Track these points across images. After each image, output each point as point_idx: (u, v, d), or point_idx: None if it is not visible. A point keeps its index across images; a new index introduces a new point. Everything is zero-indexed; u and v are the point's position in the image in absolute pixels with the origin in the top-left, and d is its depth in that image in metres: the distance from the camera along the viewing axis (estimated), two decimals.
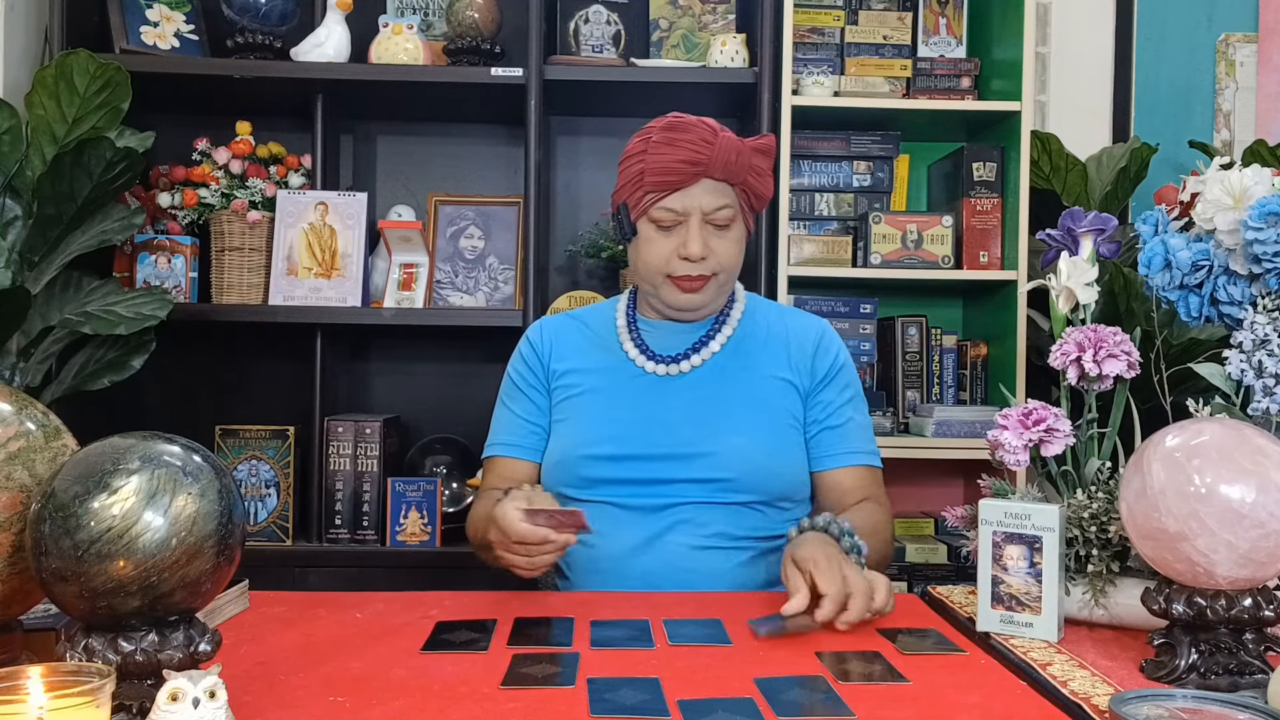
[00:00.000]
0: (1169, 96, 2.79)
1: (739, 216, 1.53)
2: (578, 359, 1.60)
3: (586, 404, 1.56)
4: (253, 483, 2.43)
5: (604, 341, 1.62)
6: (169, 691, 0.75)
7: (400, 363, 2.72)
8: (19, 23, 2.40)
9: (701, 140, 1.47)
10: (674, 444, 1.50)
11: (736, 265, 1.55)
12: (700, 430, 1.51)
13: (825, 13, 2.56)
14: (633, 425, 1.52)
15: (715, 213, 1.49)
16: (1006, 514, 1.16)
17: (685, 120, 1.50)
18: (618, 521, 1.49)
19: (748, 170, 1.50)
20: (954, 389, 2.56)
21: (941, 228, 2.41)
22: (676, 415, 1.52)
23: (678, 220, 1.50)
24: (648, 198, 1.49)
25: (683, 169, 1.47)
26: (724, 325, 1.59)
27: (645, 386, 1.56)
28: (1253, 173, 1.24)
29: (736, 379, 1.55)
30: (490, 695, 0.97)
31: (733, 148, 1.48)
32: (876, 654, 1.10)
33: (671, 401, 1.54)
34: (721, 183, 1.50)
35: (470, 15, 2.45)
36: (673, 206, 1.49)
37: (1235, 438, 0.99)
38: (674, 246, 1.50)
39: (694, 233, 1.48)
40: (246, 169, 2.47)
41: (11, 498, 0.90)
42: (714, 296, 1.55)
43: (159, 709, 0.75)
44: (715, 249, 1.51)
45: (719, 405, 1.53)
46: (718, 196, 1.49)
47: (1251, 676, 1.00)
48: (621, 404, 1.54)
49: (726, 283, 1.56)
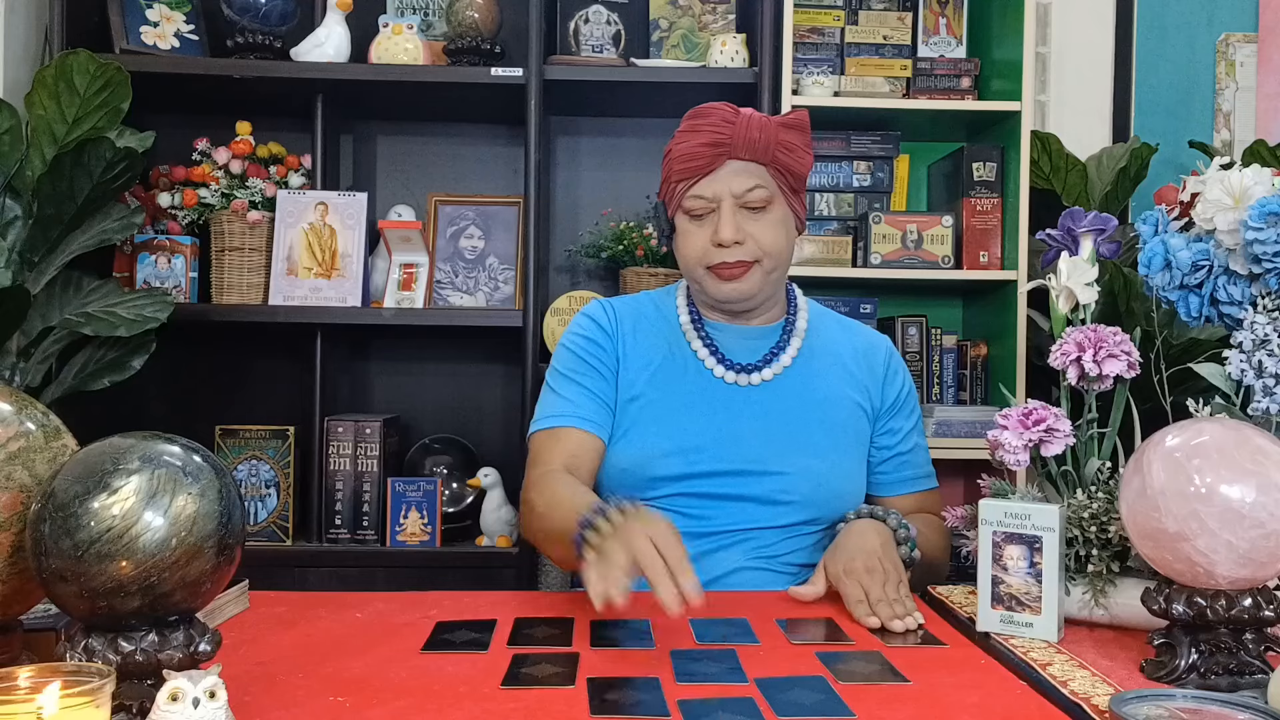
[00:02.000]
0: (1169, 96, 2.79)
1: (777, 199, 1.46)
2: (648, 351, 1.52)
3: (659, 409, 1.48)
4: (253, 483, 2.43)
5: (671, 336, 1.54)
6: (169, 691, 0.75)
7: (400, 363, 2.72)
8: (19, 23, 2.40)
9: (722, 120, 1.43)
10: (742, 461, 1.45)
11: (782, 251, 1.47)
12: (770, 448, 1.46)
13: (825, 13, 2.56)
14: (704, 438, 1.46)
15: (747, 194, 1.43)
16: (1006, 514, 1.16)
17: (707, 106, 1.46)
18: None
19: (776, 146, 1.44)
20: (954, 389, 2.56)
21: (941, 228, 2.41)
22: (748, 430, 1.47)
23: (710, 208, 1.44)
24: (678, 188, 1.46)
25: (705, 152, 1.43)
26: (793, 336, 1.53)
27: (719, 395, 1.49)
28: (1253, 173, 1.24)
29: (808, 396, 1.50)
30: (490, 695, 0.97)
31: (756, 124, 1.43)
32: (877, 654, 1.10)
33: (744, 415, 1.48)
34: (750, 163, 1.44)
35: (470, 15, 2.45)
36: (702, 194, 1.44)
37: (1235, 438, 0.99)
38: (709, 235, 1.44)
39: (726, 216, 1.42)
40: (246, 169, 2.47)
41: (11, 498, 0.90)
42: (759, 285, 1.47)
43: (159, 709, 0.75)
44: (753, 233, 1.44)
45: (791, 423, 1.48)
46: (748, 178, 1.43)
47: (1251, 676, 1.00)
48: (695, 413, 1.48)
49: (773, 270, 1.47)
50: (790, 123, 1.46)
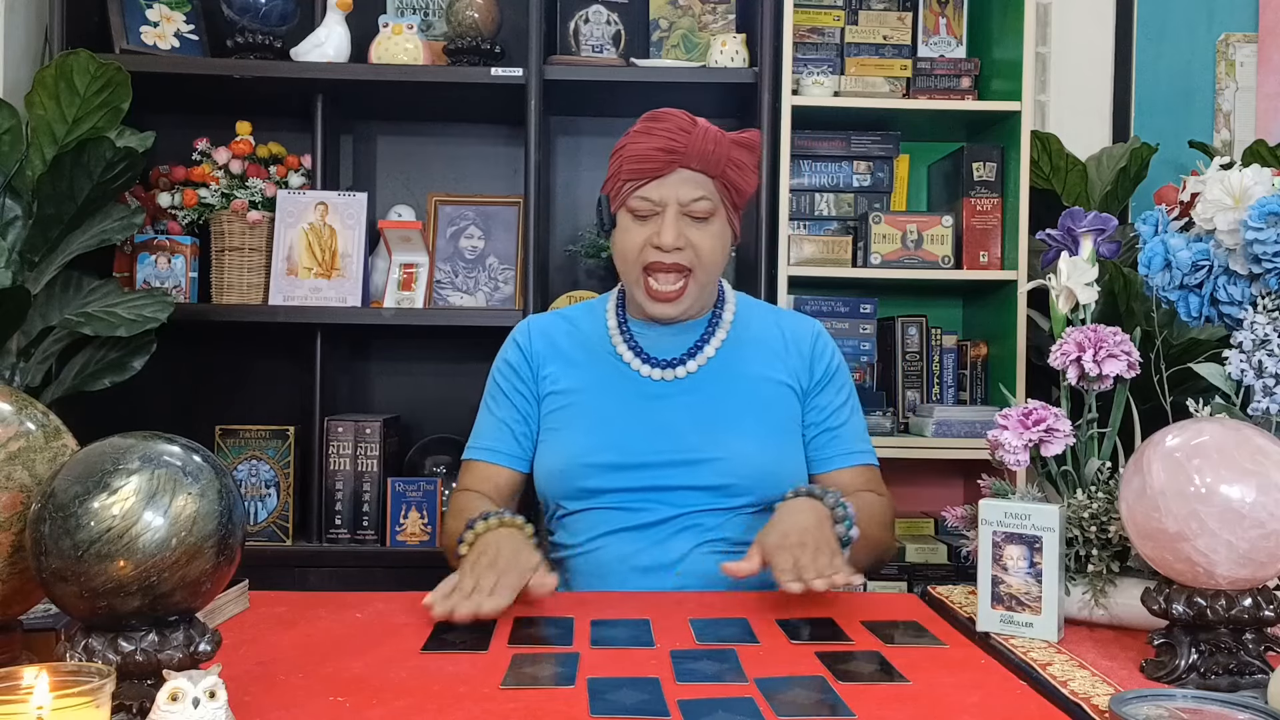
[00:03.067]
0: (1169, 96, 2.79)
1: (720, 212, 1.51)
2: (569, 365, 1.58)
3: (583, 411, 1.54)
4: (253, 483, 2.43)
5: (596, 344, 1.59)
6: (169, 691, 0.75)
7: (400, 363, 2.72)
8: (19, 23, 2.40)
9: (678, 129, 1.46)
10: (677, 450, 1.49)
11: (716, 264, 1.52)
12: (704, 436, 1.50)
13: (825, 13, 2.56)
14: (634, 432, 1.50)
15: (693, 204, 1.47)
16: (1006, 514, 1.16)
17: (665, 111, 1.49)
18: (620, 529, 1.49)
19: (726, 162, 1.48)
20: (954, 389, 2.56)
21: (941, 228, 2.41)
22: (679, 421, 1.51)
23: (654, 210, 1.48)
24: (626, 187, 1.48)
25: (658, 156, 1.45)
26: (718, 328, 1.57)
27: (644, 392, 1.54)
28: (1253, 173, 1.24)
29: (735, 383, 1.54)
30: (490, 695, 0.97)
31: (711, 137, 1.46)
32: (876, 654, 1.10)
33: (672, 406, 1.52)
34: (699, 174, 1.47)
35: (470, 15, 2.45)
36: (649, 196, 1.47)
37: (1235, 438, 0.99)
38: (649, 235, 1.48)
39: (669, 221, 1.46)
40: (246, 169, 2.47)
41: (11, 498, 0.90)
42: (692, 304, 1.53)
43: (159, 709, 0.75)
44: (693, 240, 1.48)
45: (720, 410, 1.52)
46: (695, 187, 1.47)
47: (1251, 676, 1.00)
48: (621, 410, 1.53)
49: (707, 284, 1.53)
50: (743, 141, 1.51)
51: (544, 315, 1.67)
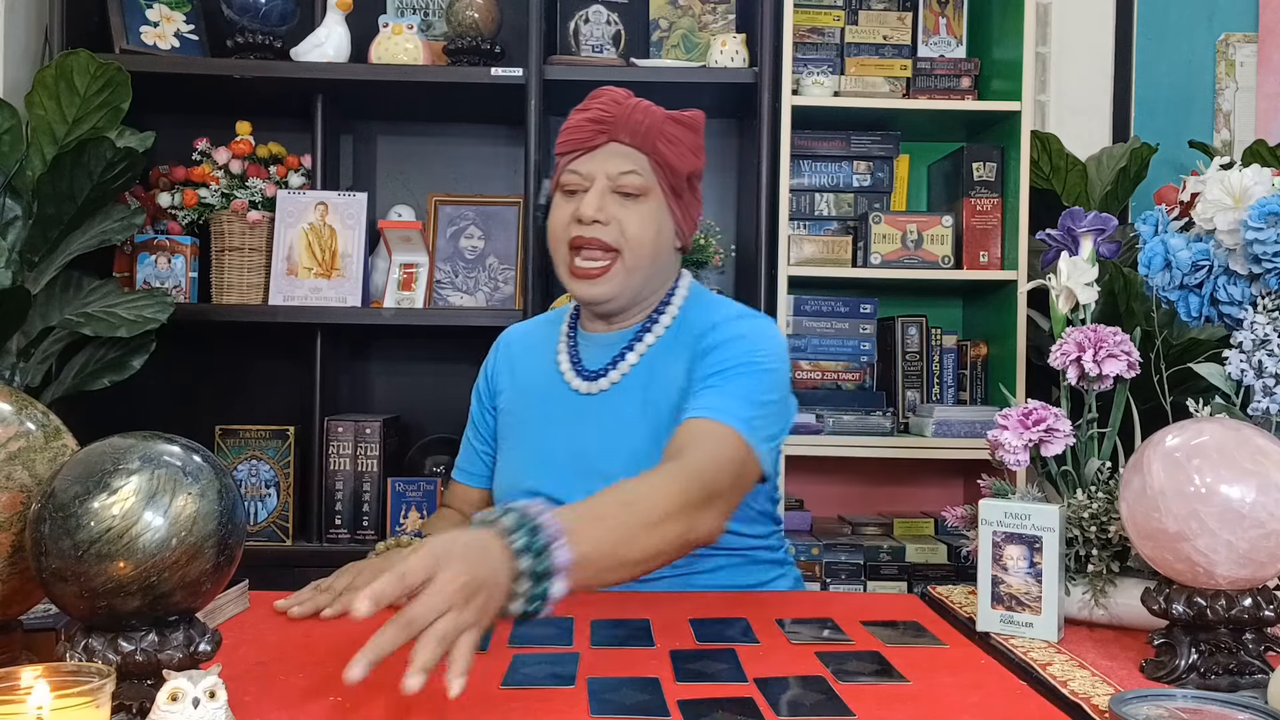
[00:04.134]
0: (1169, 96, 2.79)
1: (655, 193, 1.41)
2: (518, 380, 1.54)
3: (520, 430, 1.50)
4: (253, 483, 2.43)
5: (546, 355, 1.52)
6: (169, 692, 0.75)
7: (400, 363, 2.72)
8: (19, 23, 2.40)
9: (611, 101, 1.42)
10: (590, 472, 1.35)
11: (646, 246, 1.40)
12: (615, 458, 1.37)
13: (825, 13, 2.56)
14: (556, 455, 1.43)
15: (621, 177, 1.39)
16: (1006, 514, 1.16)
17: (604, 89, 1.45)
18: None
19: (659, 136, 1.40)
20: (954, 389, 2.56)
21: (941, 228, 2.41)
22: (593, 442, 1.41)
23: (584, 185, 1.40)
24: (560, 162, 1.44)
25: (587, 127, 1.41)
26: (647, 334, 1.45)
27: (570, 407, 1.45)
28: (1253, 173, 1.24)
29: (644, 397, 1.41)
30: (490, 695, 0.97)
31: (641, 109, 1.41)
32: (876, 654, 1.10)
33: (589, 425, 1.43)
34: (631, 149, 1.40)
35: (470, 15, 2.45)
36: (579, 169, 1.40)
37: (1235, 438, 0.99)
38: (574, 209, 1.40)
39: (593, 192, 1.38)
40: (246, 169, 2.47)
41: (11, 498, 0.90)
42: (620, 288, 1.40)
43: (159, 709, 0.75)
44: (619, 217, 1.39)
45: (629, 429, 1.40)
46: (625, 161, 1.39)
47: (1251, 676, 1.00)
48: (550, 430, 1.45)
49: (635, 268, 1.40)
50: (680, 118, 1.44)
51: (519, 326, 1.64)
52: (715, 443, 1.24)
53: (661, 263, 1.44)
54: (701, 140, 1.46)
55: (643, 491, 1.12)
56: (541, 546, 0.94)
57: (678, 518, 1.12)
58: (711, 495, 1.17)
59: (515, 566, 0.92)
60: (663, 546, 1.10)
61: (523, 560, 0.92)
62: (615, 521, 1.06)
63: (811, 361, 2.52)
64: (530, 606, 0.93)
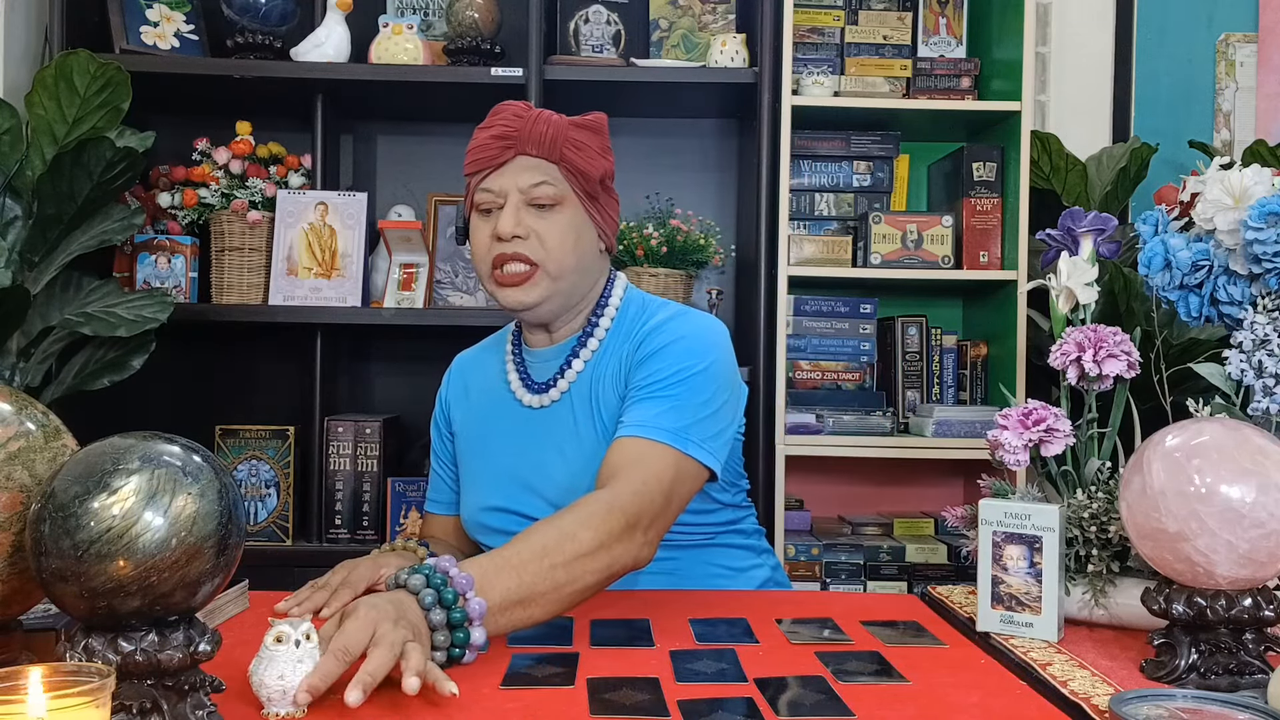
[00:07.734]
0: (1169, 96, 2.79)
1: (569, 201, 1.41)
2: (479, 392, 1.54)
3: (478, 450, 1.51)
4: (253, 483, 2.43)
5: (495, 374, 1.54)
6: (275, 634, 0.91)
7: (400, 363, 2.72)
8: (19, 23, 2.40)
9: (513, 115, 1.41)
10: (550, 488, 1.41)
11: (567, 255, 1.40)
12: (569, 468, 1.40)
13: (825, 13, 2.56)
14: (515, 471, 1.44)
15: (533, 189, 1.38)
16: (1006, 514, 1.16)
17: (506, 103, 1.44)
18: None
19: (565, 143, 1.39)
20: (954, 389, 2.56)
21: (941, 228, 2.42)
22: (549, 454, 1.42)
23: (498, 202, 1.40)
24: (470, 183, 1.43)
25: (493, 144, 1.40)
26: (589, 340, 1.46)
27: (522, 422, 1.47)
28: (1253, 173, 1.24)
29: (591, 406, 1.42)
30: (490, 695, 0.97)
31: (544, 120, 1.40)
32: (876, 654, 1.10)
33: (543, 438, 1.44)
34: (540, 160, 1.39)
35: (470, 15, 2.45)
36: (490, 187, 1.40)
37: (1235, 438, 0.99)
38: (492, 228, 1.40)
39: (508, 210, 1.38)
40: (246, 169, 2.47)
41: (11, 498, 0.90)
42: (545, 295, 1.40)
43: (266, 649, 0.91)
44: (537, 229, 1.38)
45: (580, 439, 1.41)
46: (535, 173, 1.39)
47: (1251, 676, 1.00)
48: (503, 441, 1.47)
49: (560, 278, 1.40)
50: (583, 122, 1.43)
51: (468, 351, 1.64)
52: (642, 467, 1.27)
53: (586, 267, 1.44)
54: (608, 141, 1.46)
55: (562, 530, 1.15)
56: (452, 598, 1.02)
57: (596, 554, 1.16)
58: (633, 525, 1.20)
59: (430, 618, 1.01)
60: (585, 582, 1.15)
61: (434, 614, 1.01)
62: (528, 568, 1.10)
63: (811, 361, 2.52)
64: (454, 653, 1.02)
